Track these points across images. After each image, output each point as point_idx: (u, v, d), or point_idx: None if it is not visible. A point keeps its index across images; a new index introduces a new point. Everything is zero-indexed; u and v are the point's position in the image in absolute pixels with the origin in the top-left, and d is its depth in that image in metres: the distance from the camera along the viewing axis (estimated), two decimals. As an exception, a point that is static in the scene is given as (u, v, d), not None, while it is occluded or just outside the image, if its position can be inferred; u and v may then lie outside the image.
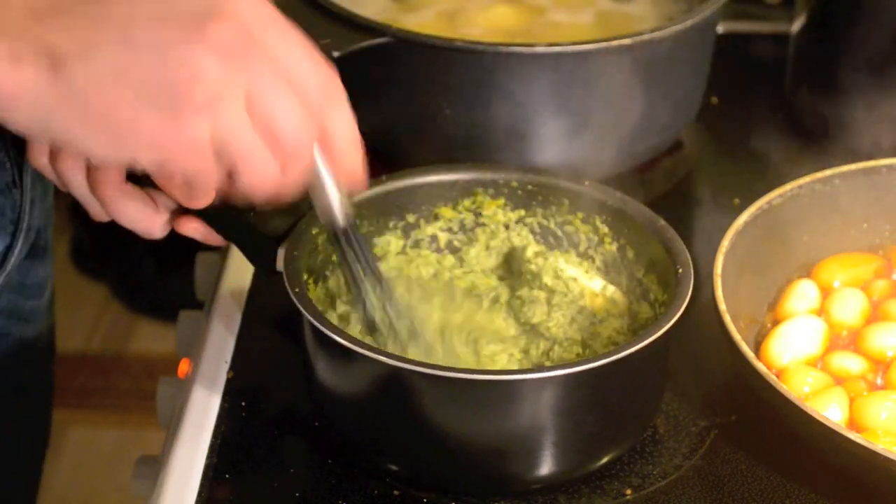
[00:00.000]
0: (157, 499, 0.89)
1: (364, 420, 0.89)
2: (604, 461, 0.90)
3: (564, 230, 1.00)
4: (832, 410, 0.91)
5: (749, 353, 0.89)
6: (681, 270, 0.90)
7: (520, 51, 1.09)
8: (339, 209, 0.86)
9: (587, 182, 0.98)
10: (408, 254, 1.01)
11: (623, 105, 1.13)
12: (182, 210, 0.90)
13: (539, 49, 1.09)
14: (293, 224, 0.92)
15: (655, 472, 0.91)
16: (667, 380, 0.94)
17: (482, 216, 1.00)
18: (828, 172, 1.05)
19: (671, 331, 0.87)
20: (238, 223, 0.91)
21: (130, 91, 0.74)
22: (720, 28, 1.25)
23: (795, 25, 1.29)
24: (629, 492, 0.90)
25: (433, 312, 0.96)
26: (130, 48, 0.74)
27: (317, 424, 0.94)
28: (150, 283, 2.65)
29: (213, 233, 0.92)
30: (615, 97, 1.13)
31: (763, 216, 1.01)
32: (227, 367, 0.99)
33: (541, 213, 1.00)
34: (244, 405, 0.96)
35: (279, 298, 0.89)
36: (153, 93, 0.74)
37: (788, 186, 1.03)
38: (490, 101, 1.11)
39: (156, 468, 0.94)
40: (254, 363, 1.00)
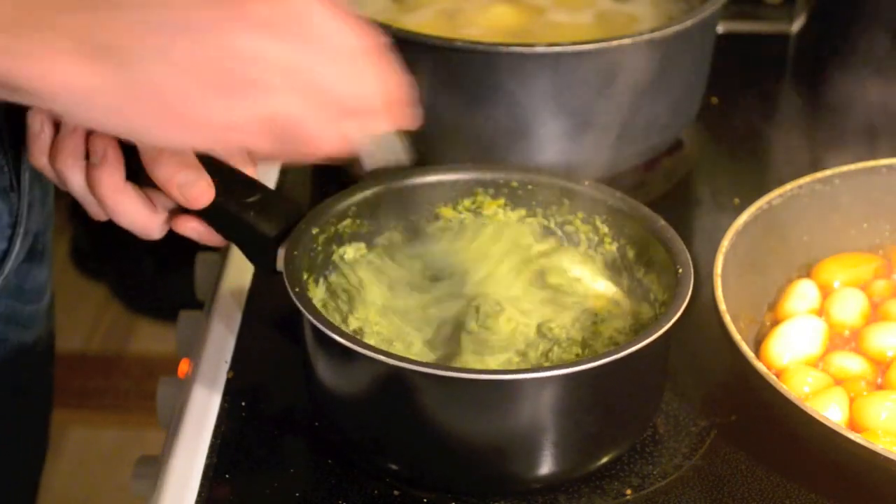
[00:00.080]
0: (157, 499, 0.89)
1: (364, 419, 0.89)
2: (604, 461, 0.90)
3: (565, 230, 1.00)
4: (832, 410, 0.91)
5: (749, 353, 0.89)
6: (681, 270, 0.90)
7: (520, 51, 1.09)
8: (399, 152, 0.86)
9: (587, 182, 0.98)
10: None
11: (623, 105, 1.13)
12: (181, 210, 0.90)
13: (539, 49, 1.09)
14: (293, 224, 0.92)
15: (655, 472, 0.91)
16: (667, 380, 0.94)
17: (483, 216, 1.00)
18: (828, 172, 1.05)
19: (671, 331, 0.87)
20: (237, 223, 0.91)
21: (186, 77, 0.75)
22: (720, 28, 1.25)
23: (795, 25, 1.29)
24: (629, 492, 0.90)
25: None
26: (179, 34, 0.75)
27: (317, 424, 0.94)
28: (150, 283, 2.65)
29: (213, 232, 0.91)
30: (615, 97, 1.13)
31: (763, 216, 1.01)
32: (227, 367, 0.99)
33: (541, 213, 1.00)
34: (244, 405, 0.96)
35: (279, 298, 0.89)
36: (207, 76, 0.76)
37: (788, 186, 1.03)
38: (490, 101, 1.11)
39: (156, 468, 0.94)
40: (254, 363, 1.00)
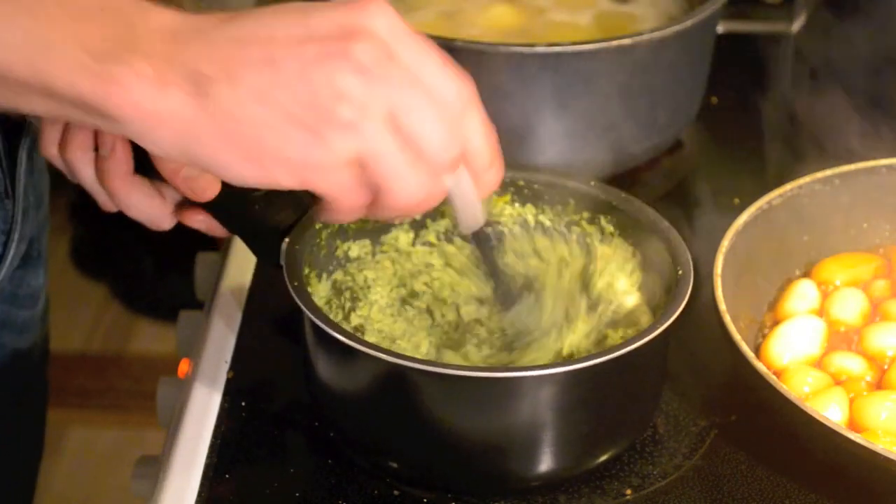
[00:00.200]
0: (157, 499, 0.89)
1: (364, 418, 0.89)
2: (602, 459, 0.90)
3: (571, 230, 1.00)
4: (832, 410, 0.91)
5: (749, 353, 0.89)
6: (680, 272, 0.90)
7: (520, 51, 1.09)
8: (480, 216, 0.86)
9: (593, 182, 0.98)
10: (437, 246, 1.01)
11: (623, 105, 1.13)
12: (188, 202, 0.90)
13: (539, 49, 1.09)
14: (298, 218, 0.92)
15: (655, 472, 0.91)
16: (666, 379, 0.94)
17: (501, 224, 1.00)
18: (828, 172, 1.04)
19: (670, 331, 0.87)
20: (243, 216, 0.91)
21: (275, 113, 0.74)
22: (720, 28, 1.25)
23: (795, 25, 1.29)
24: (629, 492, 0.90)
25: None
26: (274, 69, 0.74)
27: (317, 424, 0.94)
28: (150, 283, 2.65)
29: (219, 225, 0.92)
30: (615, 97, 1.13)
31: (763, 216, 1.01)
32: (227, 367, 0.99)
33: (549, 212, 1.00)
34: (244, 405, 0.96)
35: (279, 298, 0.89)
36: (298, 113, 0.74)
37: (788, 186, 1.03)
38: (490, 101, 1.11)
39: (156, 468, 0.94)
40: (254, 363, 1.00)
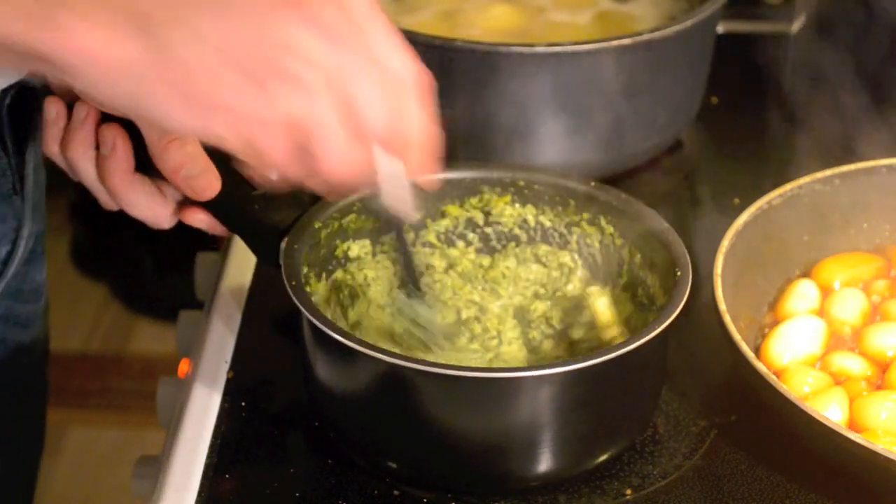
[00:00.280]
0: (157, 499, 0.89)
1: (362, 417, 0.89)
2: (602, 459, 0.90)
3: (572, 231, 0.99)
4: (832, 410, 0.91)
5: (749, 353, 0.89)
6: (679, 273, 0.90)
7: (520, 51, 1.09)
8: (409, 203, 0.83)
9: (593, 183, 0.98)
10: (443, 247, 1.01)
11: (623, 105, 1.13)
12: (188, 201, 0.90)
13: (539, 49, 1.09)
14: (298, 216, 0.92)
15: (655, 472, 0.91)
16: (665, 379, 0.94)
17: (501, 224, 1.00)
18: (828, 172, 1.04)
19: (669, 331, 0.87)
20: (243, 215, 0.91)
21: (222, 59, 0.72)
22: (720, 28, 1.25)
23: (795, 25, 1.29)
24: (629, 492, 0.90)
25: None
26: (227, 14, 0.72)
27: (316, 424, 0.94)
28: (150, 283, 2.65)
29: (219, 224, 0.92)
30: (615, 97, 1.13)
31: (763, 216, 1.01)
32: (227, 367, 0.99)
33: (549, 213, 0.99)
34: (244, 405, 0.96)
35: (279, 298, 0.89)
36: (245, 62, 0.72)
37: (788, 186, 1.03)
38: (490, 101, 1.11)
39: (156, 468, 0.94)
40: (254, 363, 1.00)
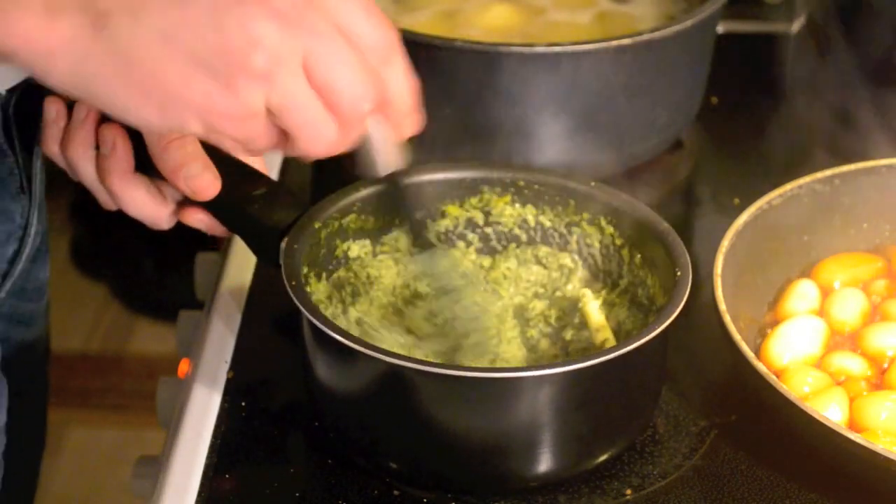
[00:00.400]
0: (157, 499, 0.89)
1: (362, 417, 0.89)
2: (602, 459, 0.90)
3: (572, 231, 0.99)
4: (832, 410, 0.91)
5: (749, 353, 0.89)
6: (679, 273, 0.90)
7: (520, 51, 1.09)
8: (395, 160, 0.83)
9: (593, 183, 0.98)
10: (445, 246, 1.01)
11: (623, 105, 1.13)
12: (188, 201, 0.90)
13: (539, 49, 1.09)
14: (298, 216, 0.92)
15: (655, 472, 0.91)
16: (666, 379, 0.94)
17: (501, 224, 1.00)
18: (828, 172, 1.04)
19: (669, 331, 0.87)
20: (242, 215, 0.91)
21: (180, 53, 0.70)
22: (720, 28, 1.24)
23: (795, 25, 1.29)
24: (629, 492, 0.90)
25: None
26: (181, 6, 0.70)
27: (317, 424, 0.94)
28: (150, 283, 2.65)
29: (218, 224, 0.92)
30: (615, 97, 1.13)
31: (763, 216, 1.01)
32: (227, 367, 0.99)
33: (549, 213, 0.99)
34: (244, 405, 0.96)
35: (279, 298, 0.89)
36: (205, 57, 0.70)
37: (788, 186, 1.03)
38: (490, 101, 1.11)
39: (156, 468, 0.94)
40: (254, 363, 1.00)
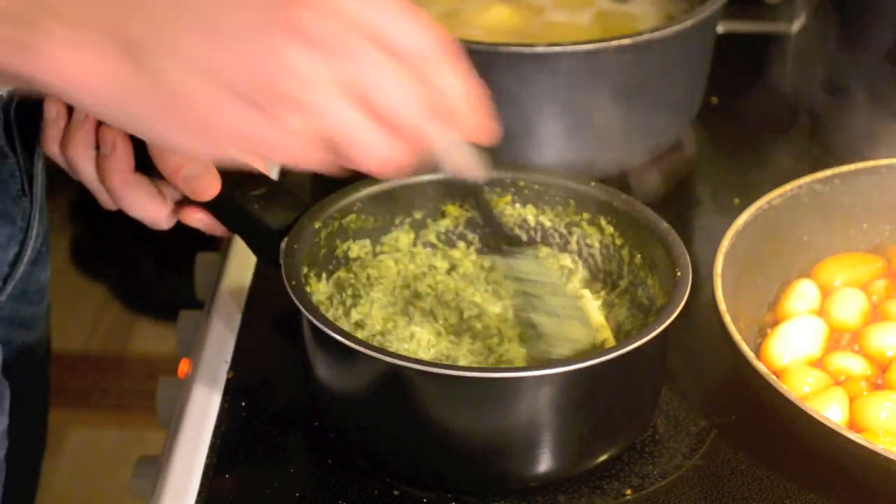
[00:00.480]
0: (157, 499, 0.89)
1: (362, 417, 0.89)
2: (602, 459, 0.90)
3: (572, 231, 0.99)
4: (832, 410, 0.91)
5: (749, 353, 0.89)
6: (679, 274, 0.90)
7: (520, 51, 1.09)
8: (474, 165, 0.80)
9: (593, 183, 0.98)
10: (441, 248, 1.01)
11: (623, 105, 1.13)
12: (188, 201, 0.90)
13: (539, 49, 1.09)
14: (298, 216, 0.92)
15: (655, 472, 0.91)
16: (665, 379, 0.94)
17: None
18: (828, 172, 1.04)
19: (669, 331, 0.87)
20: (243, 215, 0.91)
21: (216, 88, 0.70)
22: (720, 28, 1.24)
23: (795, 25, 1.29)
24: (629, 492, 0.90)
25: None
26: (210, 39, 0.70)
27: (317, 424, 0.94)
28: (150, 283, 2.65)
29: (219, 224, 0.92)
30: (615, 97, 1.13)
31: (763, 216, 1.01)
32: (227, 367, 0.99)
33: (550, 213, 0.99)
34: (244, 405, 0.96)
35: (279, 298, 0.89)
36: (241, 89, 0.70)
37: (788, 186, 1.03)
38: (490, 101, 1.11)
39: (156, 468, 0.94)
40: (254, 363, 1.00)
